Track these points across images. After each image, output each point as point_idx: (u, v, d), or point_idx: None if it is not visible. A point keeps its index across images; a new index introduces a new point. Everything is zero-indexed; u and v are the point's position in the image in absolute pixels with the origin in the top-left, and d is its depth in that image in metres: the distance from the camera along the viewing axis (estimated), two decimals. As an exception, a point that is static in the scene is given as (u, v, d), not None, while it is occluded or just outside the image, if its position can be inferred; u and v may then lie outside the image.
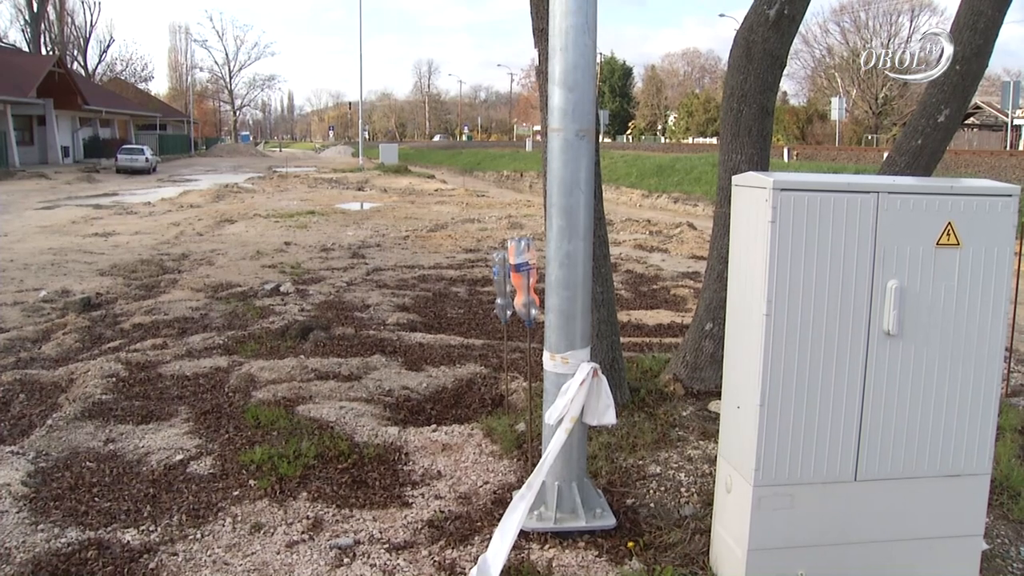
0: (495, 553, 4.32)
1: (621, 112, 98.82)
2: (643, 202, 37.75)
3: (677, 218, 26.75)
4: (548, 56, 4.65)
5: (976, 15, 6.62)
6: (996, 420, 4.31)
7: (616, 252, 17.62)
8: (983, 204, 4.03)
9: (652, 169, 42.64)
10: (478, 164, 65.31)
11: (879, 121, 72.22)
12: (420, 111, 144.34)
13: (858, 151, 46.31)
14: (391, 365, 8.29)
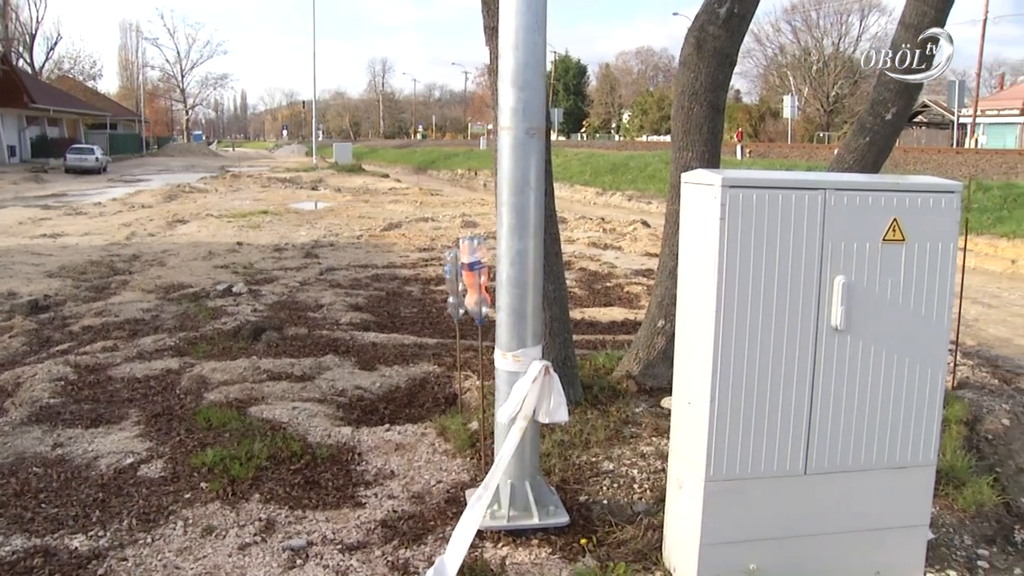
0: (452, 555, 4.32)
1: (575, 110, 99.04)
2: (597, 200, 37.87)
3: (631, 216, 26.85)
4: (499, 55, 4.65)
5: (920, 16, 6.71)
6: (941, 413, 4.39)
7: (570, 250, 17.66)
8: (927, 200, 4.09)
9: (606, 167, 42.79)
10: (432, 163, 65.19)
11: (831, 119, 73.10)
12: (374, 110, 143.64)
13: (810, 148, 46.80)
14: (344, 365, 8.25)
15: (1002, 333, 12.45)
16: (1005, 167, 29.80)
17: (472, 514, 4.46)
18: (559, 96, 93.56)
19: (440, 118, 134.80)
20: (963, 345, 10.46)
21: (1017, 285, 17.13)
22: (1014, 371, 10.18)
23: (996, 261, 19.17)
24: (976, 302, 14.59)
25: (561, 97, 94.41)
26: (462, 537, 4.38)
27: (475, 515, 4.44)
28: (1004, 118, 60.16)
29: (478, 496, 4.49)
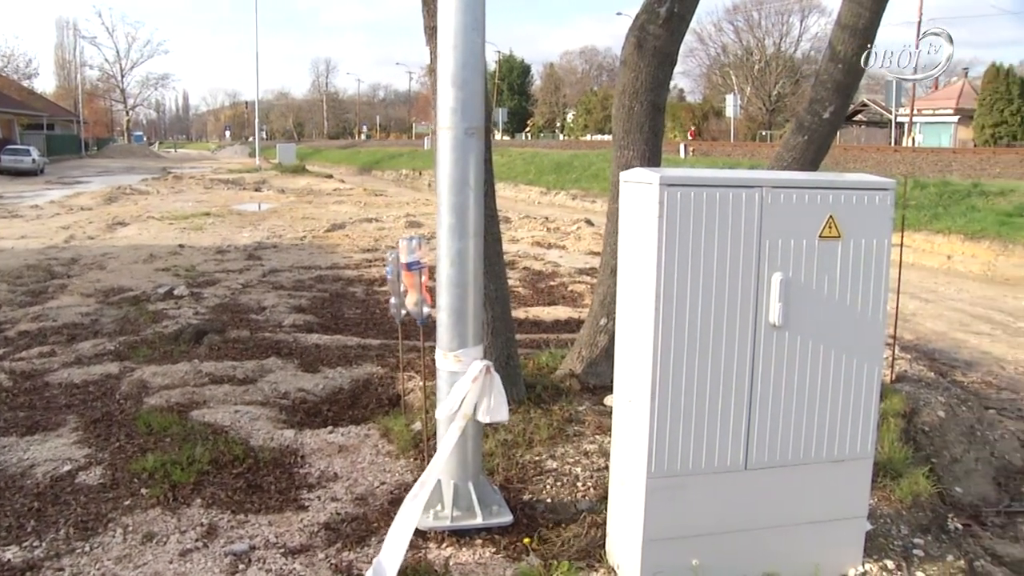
0: (390, 554, 4.30)
1: (520, 110, 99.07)
2: (542, 199, 37.94)
3: (575, 215, 26.94)
4: (438, 55, 4.65)
5: (856, 16, 6.82)
6: (878, 406, 4.46)
7: (514, 249, 17.68)
8: (862, 197, 4.16)
9: (550, 166, 42.89)
10: (376, 163, 64.87)
11: (773, 118, 73.97)
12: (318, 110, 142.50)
13: (753, 147, 47.26)
14: (287, 367, 8.18)
15: (939, 327, 12.68)
16: (940, 165, 30.37)
17: (408, 512, 4.44)
18: (504, 96, 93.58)
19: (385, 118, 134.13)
20: (901, 339, 10.64)
21: (953, 280, 17.46)
22: (950, 364, 10.41)
23: (933, 257, 19.52)
24: (914, 297, 14.85)
25: (506, 97, 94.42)
26: (399, 536, 4.36)
27: (411, 513, 4.42)
28: (939, 118, 61.28)
29: (414, 494, 4.48)
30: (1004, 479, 6.94)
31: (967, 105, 57.78)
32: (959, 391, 8.48)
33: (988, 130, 51.00)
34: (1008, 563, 5.47)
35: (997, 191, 22.10)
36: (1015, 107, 50.49)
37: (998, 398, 9.16)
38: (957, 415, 7.48)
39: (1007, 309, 14.31)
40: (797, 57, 77.25)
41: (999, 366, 10.52)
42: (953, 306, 14.46)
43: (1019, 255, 17.90)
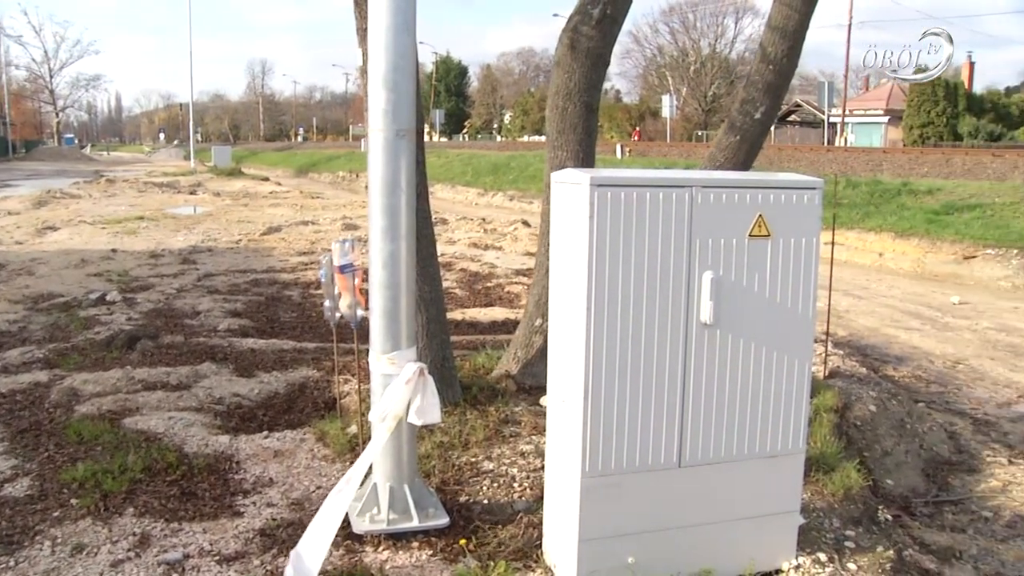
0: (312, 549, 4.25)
1: (457, 111, 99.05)
2: (479, 200, 37.93)
3: (512, 216, 26.96)
4: (368, 56, 4.63)
5: (786, 19, 6.91)
6: (809, 402, 4.53)
7: (451, 251, 17.66)
8: (790, 196, 4.22)
9: (488, 167, 42.89)
10: (313, 165, 64.37)
11: (708, 118, 74.75)
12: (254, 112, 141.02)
13: (689, 147, 47.70)
14: (222, 372, 8.08)
15: (871, 323, 12.90)
16: (872, 164, 30.91)
17: (331, 506, 4.40)
18: (441, 97, 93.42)
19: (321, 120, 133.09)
20: (834, 336, 10.81)
21: (884, 277, 17.78)
22: (881, 359, 10.60)
23: (865, 254, 19.86)
24: (847, 294, 15.10)
25: (443, 98, 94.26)
26: (322, 530, 4.31)
27: (335, 508, 4.38)
28: (870, 118, 62.48)
29: (338, 489, 4.44)
30: (932, 470, 7.10)
31: (896, 106, 58.96)
32: (890, 386, 8.65)
33: (916, 131, 52.09)
34: (935, 551, 5.61)
35: (925, 190, 22.57)
36: (941, 108, 51.68)
37: (927, 392, 9.35)
38: (888, 409, 7.63)
39: (935, 305, 14.61)
40: (732, 58, 78.21)
41: (928, 360, 10.74)
42: (885, 302, 14.72)
43: (946, 252, 18.29)
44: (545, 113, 6.95)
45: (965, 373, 10.20)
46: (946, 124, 51.49)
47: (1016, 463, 7.21)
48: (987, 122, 51.80)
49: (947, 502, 6.54)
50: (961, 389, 9.51)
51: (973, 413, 8.64)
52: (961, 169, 27.87)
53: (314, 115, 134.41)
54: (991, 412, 8.70)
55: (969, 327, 12.79)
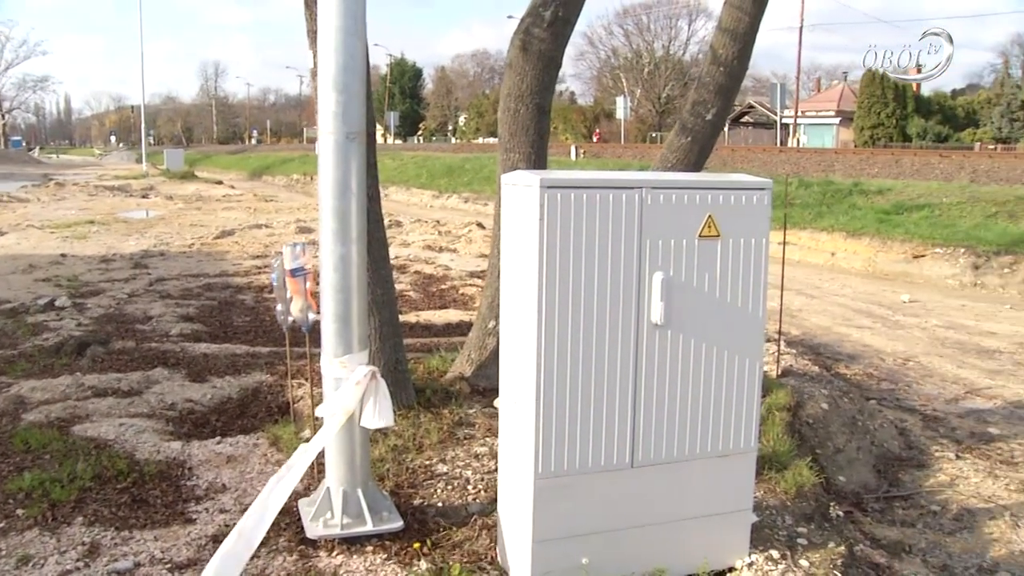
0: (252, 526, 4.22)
1: (412, 113, 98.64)
2: (434, 203, 37.86)
3: (467, 218, 26.94)
4: (318, 58, 4.61)
5: (736, 21, 6.97)
6: (761, 401, 4.57)
7: (406, 253, 17.63)
8: (740, 197, 4.26)
9: (442, 169, 42.85)
10: (267, 168, 63.90)
11: (662, 119, 75.16)
12: (207, 115, 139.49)
13: (643, 148, 47.98)
14: (174, 378, 8.00)
15: (823, 322, 13.03)
16: (824, 165, 31.28)
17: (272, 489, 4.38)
18: (395, 99, 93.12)
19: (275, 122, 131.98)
20: (787, 335, 10.92)
21: (837, 276, 17.97)
22: (834, 357, 10.72)
23: (817, 254, 20.07)
24: (800, 293, 15.24)
25: (397, 100, 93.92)
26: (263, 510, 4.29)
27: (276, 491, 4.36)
28: (822, 119, 63.30)
29: (279, 476, 4.41)
30: (883, 466, 7.18)
31: (847, 107, 59.79)
32: (842, 383, 8.75)
33: (867, 132, 52.83)
34: (885, 545, 5.68)
35: (876, 190, 22.87)
36: (890, 110, 52.49)
37: (878, 389, 9.46)
38: (840, 407, 7.71)
39: (886, 303, 14.79)
40: (686, 60, 78.71)
41: (879, 358, 10.86)
42: (837, 301, 14.88)
43: (896, 251, 18.53)
44: (498, 115, 6.96)
45: (915, 370, 10.33)
46: (895, 126, 52.29)
47: (963, 458, 7.32)
48: (935, 124, 52.70)
49: (897, 497, 6.62)
50: (911, 386, 9.63)
51: (922, 409, 8.75)
52: (910, 170, 28.30)
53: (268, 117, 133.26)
54: (940, 408, 8.82)
55: (919, 325, 12.97)
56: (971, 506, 6.39)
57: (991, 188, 22.02)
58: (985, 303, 15.03)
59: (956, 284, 16.80)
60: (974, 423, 8.29)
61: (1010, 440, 7.80)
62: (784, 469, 5.92)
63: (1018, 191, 20.85)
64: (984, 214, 19.34)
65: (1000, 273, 16.49)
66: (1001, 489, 6.66)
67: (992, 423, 8.29)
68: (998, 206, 19.56)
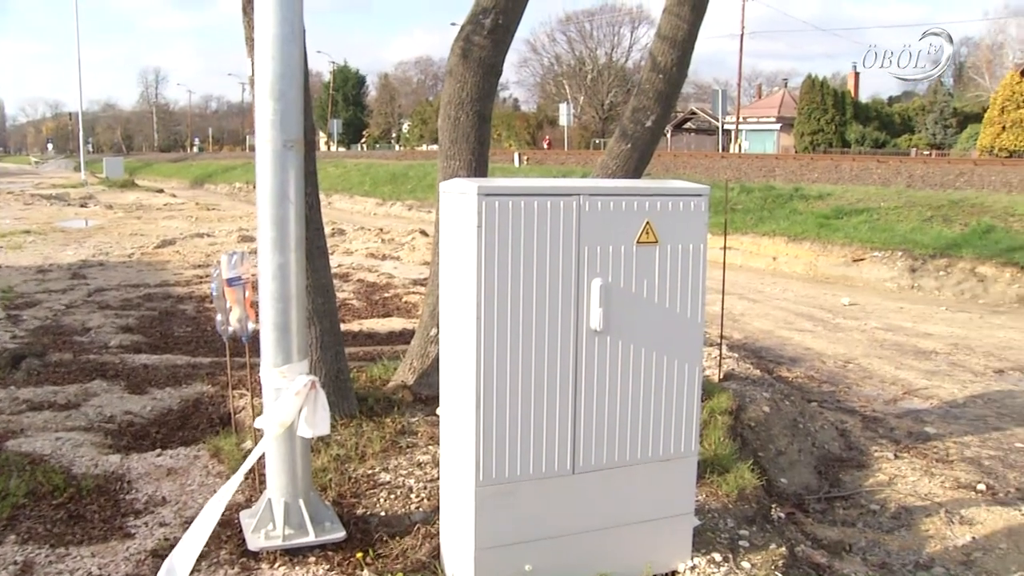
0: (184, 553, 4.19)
1: (355, 120, 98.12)
2: (377, 210, 37.75)
3: (411, 225, 26.88)
4: (256, 66, 4.57)
5: (675, 29, 7.03)
6: (700, 405, 4.60)
7: (349, 261, 17.55)
8: (677, 203, 4.29)
9: (386, 177, 42.74)
10: (209, 176, 63.28)
11: (606, 126, 75.59)
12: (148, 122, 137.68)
13: (587, 154, 48.13)
14: (113, 390, 7.88)
15: (765, 326, 13.18)
16: (765, 170, 31.63)
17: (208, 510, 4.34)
18: (338, 107, 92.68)
19: (217, 130, 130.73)
20: (730, 339, 11.03)
21: (778, 280, 18.19)
22: (776, 361, 10.83)
23: (760, 259, 20.30)
24: (743, 298, 15.41)
25: (340, 108, 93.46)
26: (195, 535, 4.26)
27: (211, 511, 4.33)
28: (763, 125, 64.18)
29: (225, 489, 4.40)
30: (824, 467, 7.28)
31: (788, 114, 60.67)
32: (783, 386, 8.85)
33: (807, 137, 53.61)
34: (826, 545, 5.76)
35: (816, 195, 23.19)
36: (830, 116, 53.36)
37: (819, 391, 9.59)
38: (781, 409, 7.80)
39: (827, 306, 15.01)
40: (628, 67, 79.28)
41: (820, 361, 11.01)
42: (779, 305, 15.06)
43: (836, 255, 18.81)
44: (438, 123, 6.95)
45: (855, 372, 10.48)
46: (835, 132, 53.17)
47: (901, 457, 7.45)
48: (872, 130, 53.69)
49: (838, 497, 6.71)
50: (851, 388, 9.77)
51: (862, 410, 8.89)
52: (849, 175, 28.73)
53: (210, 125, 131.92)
54: (879, 409, 8.96)
55: (858, 327, 13.17)
56: (909, 504, 6.51)
57: (926, 193, 22.43)
58: (922, 305, 15.31)
59: (894, 287, 17.10)
60: (911, 423, 8.44)
61: (945, 439, 7.96)
62: (726, 472, 5.97)
63: (952, 195, 21.26)
64: (920, 218, 19.70)
65: (936, 276, 16.82)
66: (937, 487, 6.79)
67: (928, 422, 8.45)
68: (933, 210, 19.94)
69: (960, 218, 19.15)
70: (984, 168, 27.65)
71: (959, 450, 7.68)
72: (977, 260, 16.63)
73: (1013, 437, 8.06)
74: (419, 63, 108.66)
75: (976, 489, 6.74)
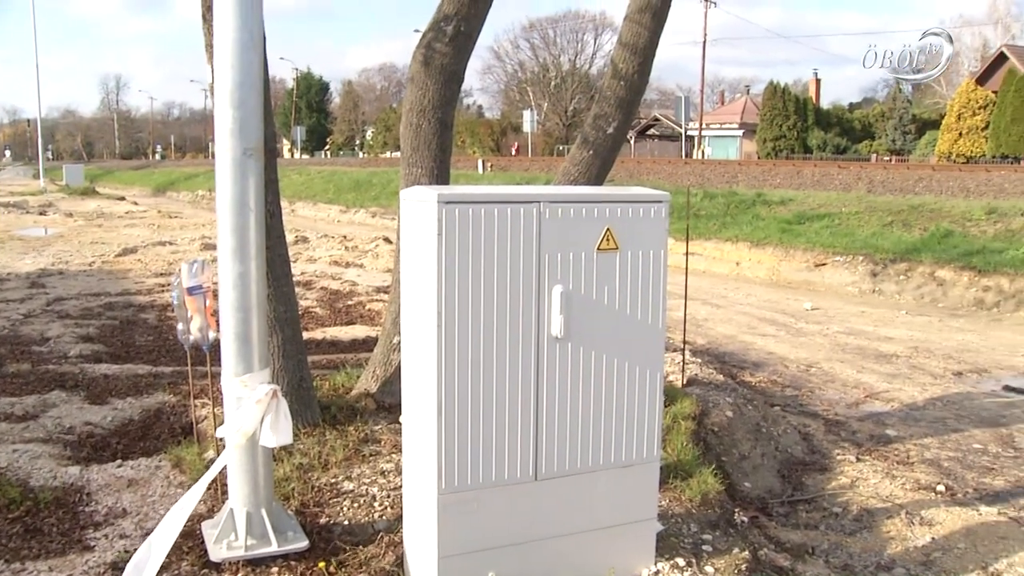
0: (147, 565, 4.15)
1: (319, 127, 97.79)
2: (341, 218, 37.62)
3: (375, 232, 26.80)
4: (215, 73, 4.54)
5: (636, 36, 7.06)
6: (662, 411, 4.62)
7: (312, 269, 17.47)
8: (637, 210, 4.31)
9: (350, 184, 42.63)
10: (172, 184, 62.81)
11: (569, 133, 75.85)
12: (109, 129, 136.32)
13: (550, 161, 48.29)
14: (73, 400, 7.78)
15: (729, 331, 13.26)
16: (728, 176, 31.90)
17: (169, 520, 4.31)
18: (302, 114, 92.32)
19: (180, 137, 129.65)
20: (693, 344, 11.08)
21: (742, 285, 18.31)
22: (739, 365, 10.90)
23: (723, 264, 20.42)
24: (706, 303, 15.50)
25: (304, 115, 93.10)
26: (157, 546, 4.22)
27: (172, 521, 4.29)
28: (726, 131, 64.70)
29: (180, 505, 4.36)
30: (787, 471, 7.33)
31: (750, 120, 61.18)
32: (746, 391, 8.91)
33: (769, 143, 54.07)
34: (789, 548, 5.80)
35: (778, 200, 23.39)
36: (791, 122, 53.86)
37: (782, 395, 9.66)
38: (744, 414, 7.86)
39: (789, 311, 15.12)
40: (592, 73, 79.64)
41: (783, 365, 11.09)
42: (742, 310, 15.16)
43: (799, 260, 18.97)
44: (400, 130, 6.94)
45: (817, 376, 10.57)
46: (797, 137, 53.67)
47: (863, 460, 7.51)
48: (833, 136, 54.29)
49: (801, 501, 6.76)
50: (814, 392, 9.85)
51: (825, 414, 8.96)
52: (811, 180, 29.02)
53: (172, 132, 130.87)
54: (841, 412, 9.04)
55: (821, 331, 13.28)
56: (870, 506, 6.57)
57: (886, 198, 22.69)
58: (883, 309, 15.48)
59: (856, 291, 17.27)
60: (873, 426, 8.53)
61: (906, 441, 8.04)
62: (689, 477, 5.99)
63: (911, 200, 21.52)
64: (880, 223, 19.92)
65: (896, 280, 17.00)
66: (898, 489, 6.85)
67: (890, 425, 8.54)
68: (893, 215, 20.17)
69: (919, 223, 19.38)
70: (942, 173, 28.07)
71: (919, 452, 7.77)
72: (936, 264, 16.83)
73: (971, 438, 8.16)
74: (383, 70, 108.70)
75: (936, 490, 6.82)
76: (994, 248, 16.92)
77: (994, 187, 24.16)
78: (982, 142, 42.10)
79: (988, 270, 15.96)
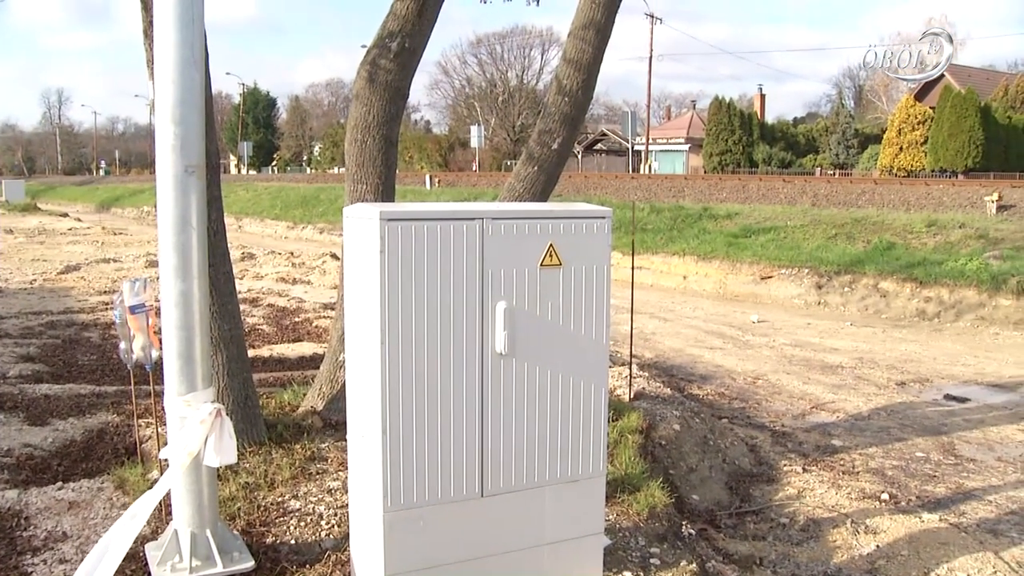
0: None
1: (266, 143, 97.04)
2: (289, 234, 37.43)
3: (322, 248, 26.66)
4: (156, 90, 4.49)
5: (580, 52, 7.10)
6: (607, 424, 4.63)
7: (258, 286, 17.33)
8: (580, 225, 4.33)
9: (297, 200, 42.44)
10: (116, 200, 62.03)
11: (517, 148, 76.06)
12: (51, 144, 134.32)
13: (498, 176, 48.31)
14: (11, 422, 7.62)
15: (676, 344, 13.35)
16: (674, 191, 32.15)
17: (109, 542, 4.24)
18: (249, 129, 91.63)
19: (125, 153, 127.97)
20: (641, 358, 11.14)
21: (689, 299, 18.47)
22: (687, 379, 10.97)
23: (670, 278, 20.59)
24: (653, 316, 15.61)
25: (251, 130, 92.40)
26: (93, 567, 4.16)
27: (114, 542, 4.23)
28: (672, 146, 65.24)
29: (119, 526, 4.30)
30: (735, 483, 7.39)
31: (696, 134, 61.76)
32: (694, 404, 8.97)
33: (715, 158, 54.57)
34: (737, 559, 5.85)
35: (724, 214, 23.63)
36: (737, 137, 54.44)
37: (730, 408, 9.74)
38: (692, 427, 7.90)
39: (736, 324, 15.27)
40: (539, 89, 79.95)
41: (730, 377, 11.19)
42: (689, 324, 15.28)
43: (745, 273, 19.18)
44: (345, 147, 6.91)
45: (764, 388, 10.68)
46: (742, 152, 54.24)
47: (810, 470, 7.60)
48: (779, 150, 54.94)
49: (748, 512, 6.81)
50: (761, 404, 9.95)
51: (772, 426, 9.05)
52: (756, 194, 29.34)
53: (117, 147, 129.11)
54: (788, 424, 9.14)
55: (767, 344, 13.43)
56: (817, 516, 6.64)
57: (831, 211, 23.02)
58: (828, 321, 15.69)
59: (802, 303, 17.49)
60: (819, 437, 8.63)
61: (851, 451, 8.15)
62: (637, 491, 6.02)
63: (855, 214, 21.86)
64: (825, 236, 20.21)
65: (841, 292, 17.25)
66: (844, 498, 6.94)
67: (835, 435, 8.65)
68: (837, 228, 20.47)
69: (863, 235, 19.69)
70: (884, 187, 28.53)
71: (864, 461, 7.87)
72: (879, 276, 17.12)
73: (914, 447, 8.29)
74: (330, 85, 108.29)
75: (880, 499, 6.91)
76: (934, 260, 17.24)
77: (933, 200, 24.62)
78: (922, 156, 42.87)
79: (929, 281, 16.27)
